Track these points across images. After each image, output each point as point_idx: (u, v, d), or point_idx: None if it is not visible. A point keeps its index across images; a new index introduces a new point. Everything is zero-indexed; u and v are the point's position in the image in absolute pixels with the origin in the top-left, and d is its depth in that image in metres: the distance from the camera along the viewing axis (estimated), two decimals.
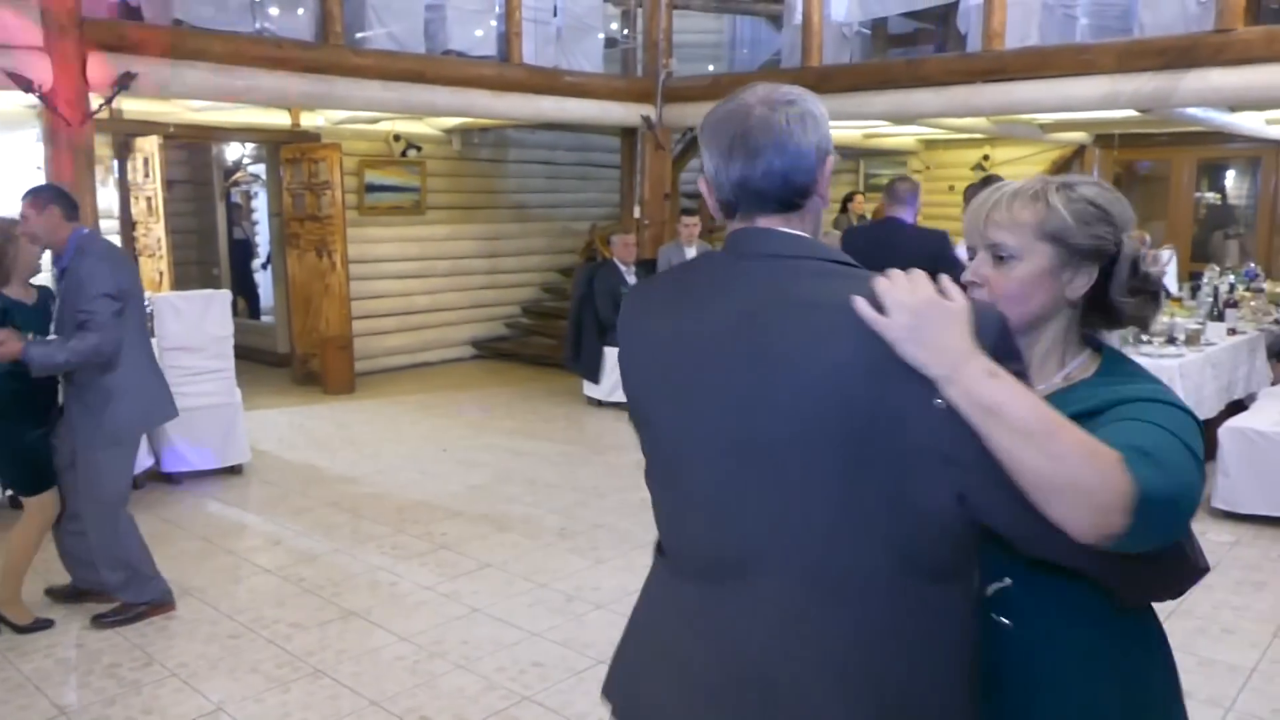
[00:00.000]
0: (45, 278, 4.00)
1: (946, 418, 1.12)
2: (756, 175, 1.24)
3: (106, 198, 7.06)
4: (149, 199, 7.73)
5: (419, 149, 9.45)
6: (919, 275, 1.18)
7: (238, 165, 10.77)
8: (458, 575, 4.28)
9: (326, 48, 6.45)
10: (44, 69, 5.13)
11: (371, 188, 9.09)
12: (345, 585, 4.20)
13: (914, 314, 1.12)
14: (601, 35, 8.35)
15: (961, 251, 1.68)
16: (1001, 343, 1.16)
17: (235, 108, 7.92)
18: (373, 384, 8.65)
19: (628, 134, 8.86)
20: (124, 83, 5.37)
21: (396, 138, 9.28)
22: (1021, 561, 1.27)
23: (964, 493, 1.15)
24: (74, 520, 3.78)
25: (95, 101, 5.38)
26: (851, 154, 11.96)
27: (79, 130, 5.24)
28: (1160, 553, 1.18)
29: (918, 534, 1.17)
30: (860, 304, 1.14)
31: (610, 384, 7.46)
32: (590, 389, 7.64)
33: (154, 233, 7.74)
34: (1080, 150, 10.60)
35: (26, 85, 5.00)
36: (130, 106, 7.07)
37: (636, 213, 8.78)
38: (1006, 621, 1.30)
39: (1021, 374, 1.16)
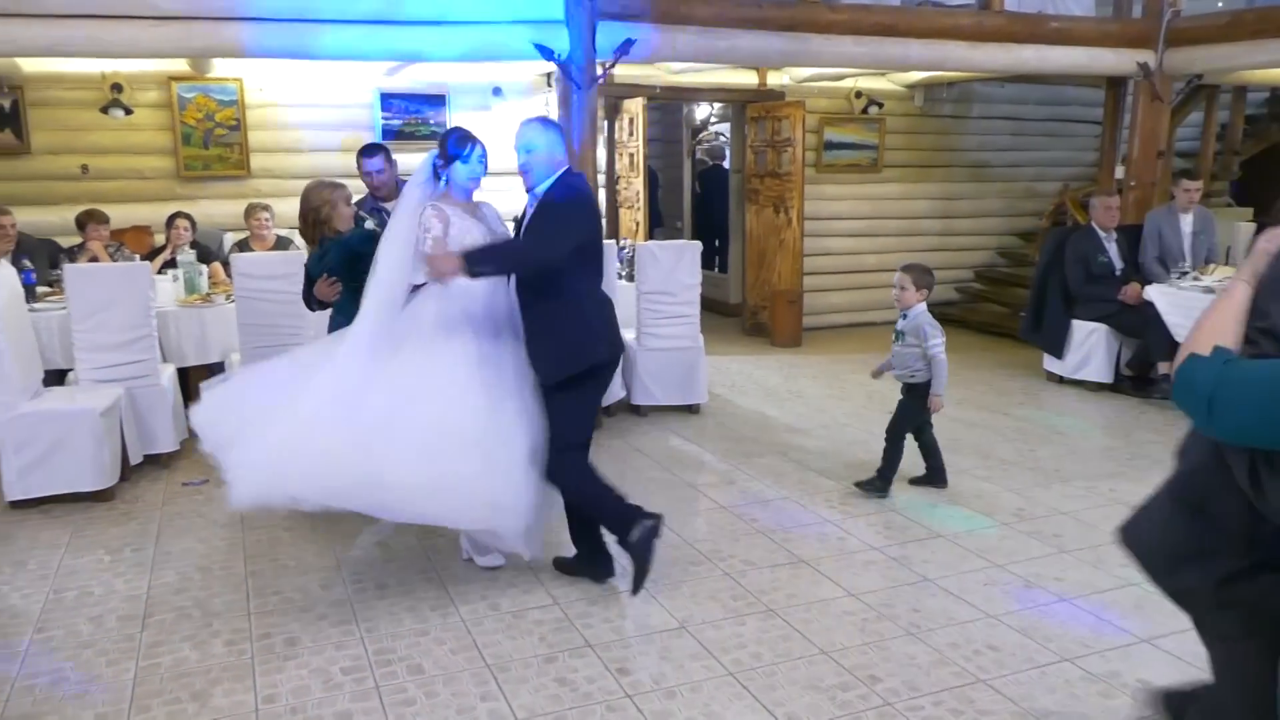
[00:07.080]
0: None
1: None
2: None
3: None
4: (631, 155, 8.45)
5: (880, 105, 9.30)
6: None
7: (704, 124, 11.40)
8: (907, 541, 4.21)
9: (802, 5, 6.53)
10: (562, 39, 5.76)
11: (830, 145, 9.14)
12: (795, 533, 4.32)
13: None
14: None
15: None
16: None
17: (709, 69, 8.36)
18: (817, 339, 8.78)
19: (1113, 84, 7.96)
20: (625, 49, 5.87)
21: (858, 94, 9.21)
22: None
23: None
24: None
25: (598, 68, 5.95)
26: None
27: (587, 94, 5.83)
28: None
29: None
30: None
31: (1077, 359, 6.84)
32: (1051, 363, 7.06)
33: (633, 186, 8.45)
34: None
35: (549, 54, 5.66)
36: (620, 71, 7.75)
37: (1119, 173, 7.90)
38: None
39: None
